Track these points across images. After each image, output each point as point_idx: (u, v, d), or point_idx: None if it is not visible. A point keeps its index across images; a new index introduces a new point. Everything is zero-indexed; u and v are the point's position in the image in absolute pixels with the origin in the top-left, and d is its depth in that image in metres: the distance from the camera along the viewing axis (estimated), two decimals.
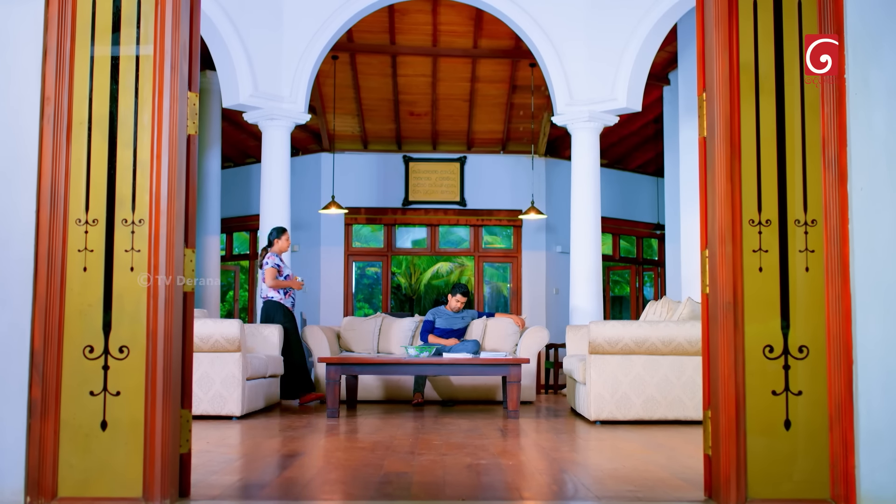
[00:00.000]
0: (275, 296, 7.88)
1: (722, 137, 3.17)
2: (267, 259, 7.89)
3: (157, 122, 3.12)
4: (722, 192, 3.15)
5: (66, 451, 3.03)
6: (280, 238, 8.04)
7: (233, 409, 6.61)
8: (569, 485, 3.76)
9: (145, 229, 3.10)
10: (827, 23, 3.16)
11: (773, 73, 3.19)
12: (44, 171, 3.07)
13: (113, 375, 3.06)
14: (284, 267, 7.94)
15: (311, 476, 3.94)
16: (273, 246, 8.02)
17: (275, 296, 7.88)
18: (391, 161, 13.53)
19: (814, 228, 3.14)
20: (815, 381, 3.10)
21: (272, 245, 8.03)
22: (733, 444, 3.09)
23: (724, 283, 3.13)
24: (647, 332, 6.27)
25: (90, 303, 3.07)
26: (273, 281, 7.79)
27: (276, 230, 8.11)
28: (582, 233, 9.59)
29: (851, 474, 3.02)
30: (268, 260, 7.87)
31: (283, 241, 8.04)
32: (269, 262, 7.85)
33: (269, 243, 8.08)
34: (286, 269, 7.94)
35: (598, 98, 9.53)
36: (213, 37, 9.29)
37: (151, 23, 3.16)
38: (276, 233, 8.09)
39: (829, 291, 3.11)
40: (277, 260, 7.90)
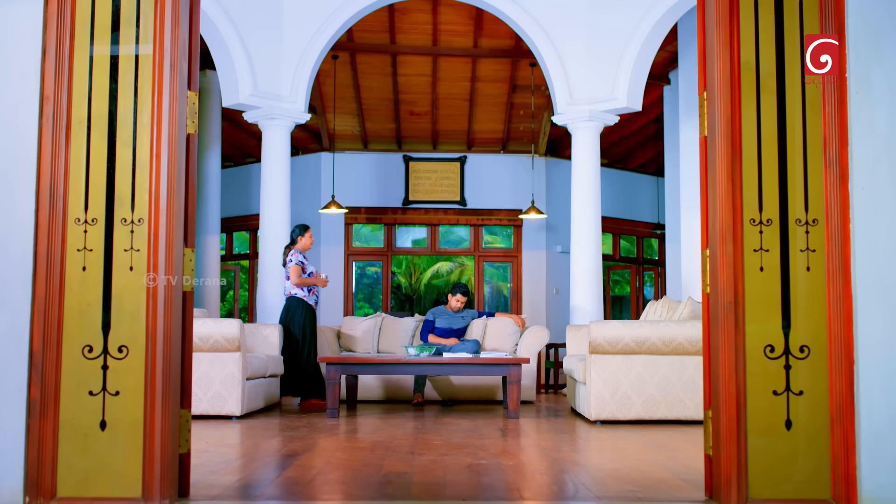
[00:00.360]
0: (298, 292, 7.87)
1: (723, 137, 3.16)
2: (290, 257, 7.89)
3: (156, 121, 3.11)
4: (723, 192, 3.15)
5: (65, 451, 3.02)
6: (303, 235, 8.03)
7: (232, 409, 6.60)
8: (569, 485, 3.76)
9: (144, 229, 3.09)
10: (828, 22, 3.16)
11: (775, 72, 3.18)
12: (43, 171, 3.06)
13: (112, 375, 3.06)
14: (307, 264, 7.92)
15: (311, 476, 3.93)
16: (296, 244, 8.01)
17: (298, 292, 7.87)
18: (391, 161, 13.52)
19: (815, 228, 3.13)
20: (816, 381, 3.09)
21: (295, 243, 8.02)
22: (734, 445, 3.08)
23: (724, 282, 3.13)
24: (647, 332, 6.26)
25: (89, 302, 3.06)
26: (298, 279, 7.78)
27: (300, 227, 8.10)
28: (582, 232, 9.58)
29: (853, 475, 3.02)
30: (291, 258, 7.87)
31: (306, 238, 8.04)
32: (293, 259, 7.84)
33: (291, 241, 8.06)
34: (309, 267, 7.91)
35: (599, 97, 9.51)
36: (212, 36, 9.28)
37: (151, 22, 3.15)
38: (299, 230, 8.08)
39: (830, 291, 3.10)
40: (301, 257, 7.88)
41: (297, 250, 7.96)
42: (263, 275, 9.69)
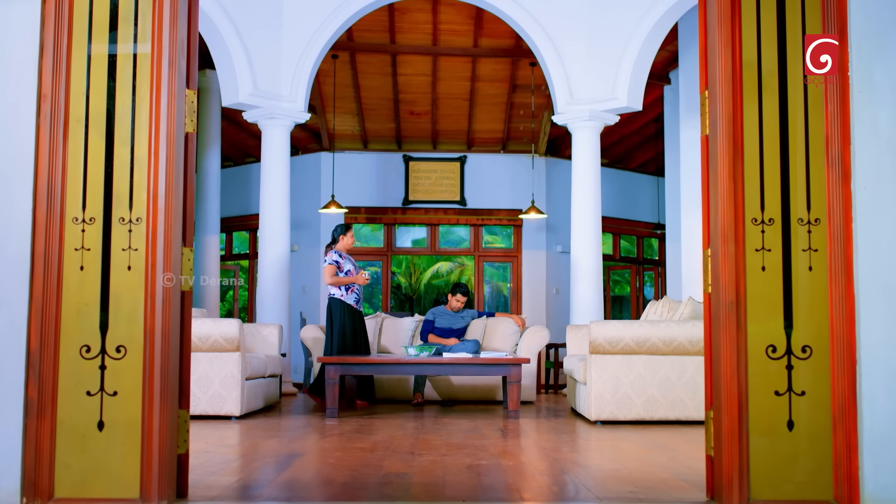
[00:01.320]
0: (336, 292, 7.83)
1: (724, 135, 3.14)
2: (326, 256, 7.88)
3: (154, 119, 3.09)
4: (724, 191, 3.13)
5: (63, 451, 3.01)
6: (345, 235, 8.00)
7: (232, 409, 6.58)
8: (570, 486, 3.74)
9: (143, 228, 3.07)
10: (830, 20, 3.14)
11: (777, 70, 3.17)
12: (40, 169, 3.04)
13: (110, 375, 3.04)
14: (344, 262, 7.86)
15: (309, 477, 3.91)
16: (337, 243, 7.98)
17: (336, 292, 7.83)
18: (391, 160, 13.50)
19: (817, 227, 3.11)
20: (818, 382, 3.08)
21: (336, 242, 7.99)
22: (736, 445, 3.06)
23: (726, 282, 3.11)
24: (648, 332, 6.24)
25: (87, 302, 3.04)
26: (331, 279, 7.75)
27: (342, 227, 8.07)
28: (582, 232, 9.56)
29: (855, 476, 3.00)
30: (326, 257, 7.85)
31: (347, 238, 8.00)
32: (328, 259, 7.83)
33: (333, 240, 8.03)
34: (346, 265, 7.86)
35: (599, 97, 9.50)
36: (212, 35, 9.26)
37: (149, 19, 3.13)
38: (341, 230, 8.04)
39: (832, 291, 3.08)
40: (336, 257, 7.83)
41: (337, 250, 7.93)
42: (263, 274, 9.68)
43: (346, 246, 8.00)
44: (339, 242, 7.99)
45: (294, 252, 12.81)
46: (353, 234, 8.09)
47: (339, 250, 7.93)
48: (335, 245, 7.99)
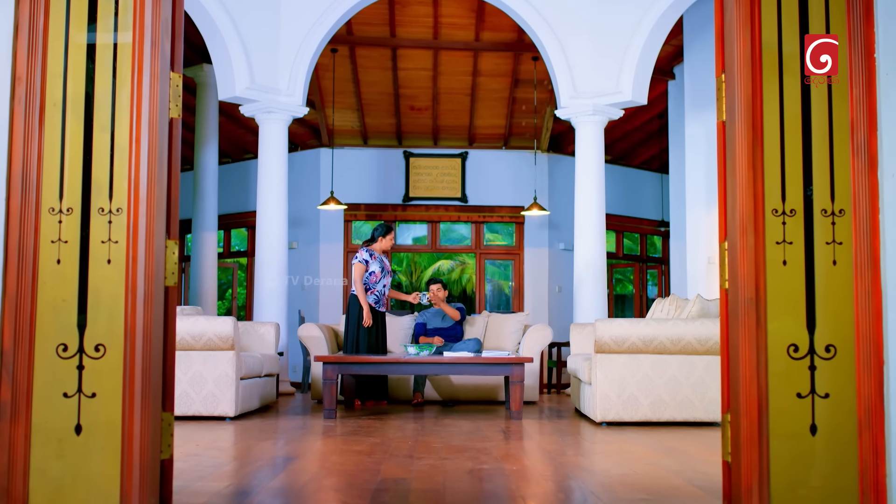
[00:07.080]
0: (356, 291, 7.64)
1: (743, 121, 2.95)
2: (358, 253, 7.67)
3: (136, 103, 2.90)
4: (743, 180, 2.93)
5: (38, 457, 2.81)
6: (384, 237, 7.73)
7: (226, 410, 6.40)
8: (576, 492, 3.55)
9: (123, 219, 2.88)
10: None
11: (799, 52, 2.97)
12: (14, 157, 2.85)
13: (88, 376, 2.85)
14: (372, 263, 7.64)
15: (303, 482, 3.73)
16: (375, 242, 7.75)
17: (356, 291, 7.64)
18: (391, 156, 13.31)
19: (842, 219, 2.92)
20: (843, 383, 2.88)
21: (374, 241, 7.76)
22: (755, 450, 2.87)
23: (745, 277, 2.91)
24: (654, 331, 6.06)
25: (64, 298, 2.85)
26: (358, 278, 7.55)
27: (384, 227, 7.80)
28: (585, 229, 9.38)
29: (882, 483, 2.81)
30: (358, 254, 7.64)
31: (386, 240, 7.74)
32: (358, 256, 7.61)
33: (371, 238, 7.80)
34: (373, 265, 7.63)
35: (603, 91, 9.31)
36: (208, 28, 9.07)
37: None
38: (382, 230, 7.78)
39: (858, 286, 2.88)
40: (366, 256, 7.59)
41: (370, 249, 7.70)
42: (261, 272, 9.49)
43: (382, 247, 7.74)
44: (376, 242, 7.74)
45: (293, 249, 12.63)
46: (393, 238, 7.83)
47: (373, 249, 7.70)
48: (372, 243, 7.76)
